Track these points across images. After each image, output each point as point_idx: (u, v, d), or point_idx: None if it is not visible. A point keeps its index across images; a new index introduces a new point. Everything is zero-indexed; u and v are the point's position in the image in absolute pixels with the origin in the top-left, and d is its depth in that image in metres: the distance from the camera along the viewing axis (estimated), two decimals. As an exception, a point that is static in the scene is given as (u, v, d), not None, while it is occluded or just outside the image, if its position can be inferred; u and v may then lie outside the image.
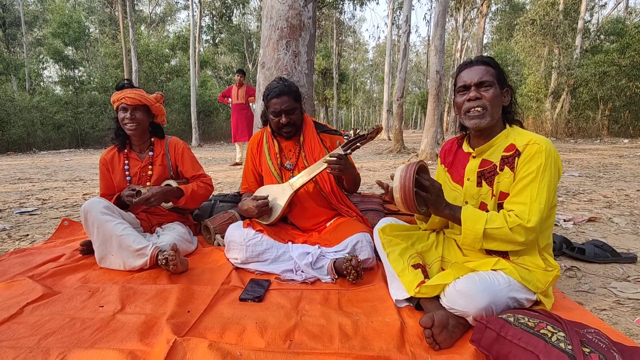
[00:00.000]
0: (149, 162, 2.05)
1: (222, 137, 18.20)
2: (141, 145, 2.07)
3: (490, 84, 1.29)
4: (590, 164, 6.03)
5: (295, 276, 1.65)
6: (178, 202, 2.01)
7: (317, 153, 1.93)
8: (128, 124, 1.94)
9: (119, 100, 1.92)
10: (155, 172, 2.05)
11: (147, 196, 1.84)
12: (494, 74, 1.31)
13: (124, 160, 2.04)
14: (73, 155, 10.85)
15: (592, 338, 0.93)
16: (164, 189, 1.93)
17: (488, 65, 1.32)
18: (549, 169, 1.21)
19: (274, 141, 2.01)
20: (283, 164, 1.98)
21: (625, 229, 2.41)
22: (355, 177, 1.88)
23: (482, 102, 1.29)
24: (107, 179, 2.07)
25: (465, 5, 20.36)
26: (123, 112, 1.93)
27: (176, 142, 2.13)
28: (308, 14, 2.66)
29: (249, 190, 2.09)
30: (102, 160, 2.06)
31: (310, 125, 2.01)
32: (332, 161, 1.66)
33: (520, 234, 1.19)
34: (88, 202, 1.76)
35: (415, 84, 46.54)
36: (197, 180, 2.09)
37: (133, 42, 13.81)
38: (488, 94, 1.29)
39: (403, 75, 9.91)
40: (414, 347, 1.13)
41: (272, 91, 1.86)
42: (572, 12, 13.97)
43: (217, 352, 1.06)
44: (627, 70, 12.15)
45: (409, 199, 1.22)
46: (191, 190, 2.00)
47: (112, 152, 2.06)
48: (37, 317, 1.32)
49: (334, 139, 1.99)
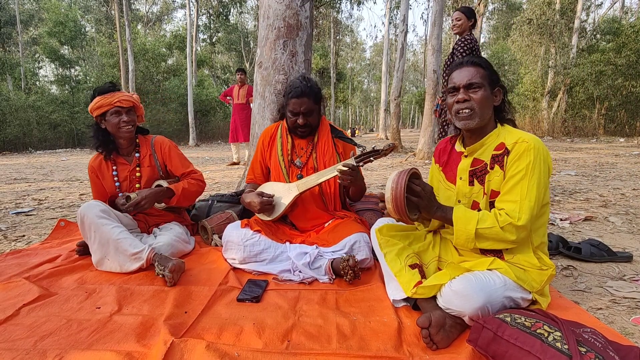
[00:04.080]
0: (137, 164, 2.02)
1: (219, 137, 18.16)
2: (128, 148, 2.03)
3: (479, 85, 1.30)
4: (587, 163, 6.06)
5: (293, 276, 1.65)
6: (170, 202, 1.99)
7: (328, 157, 1.92)
8: (125, 127, 1.90)
9: (111, 104, 1.84)
10: (144, 174, 2.02)
11: (137, 200, 1.83)
12: (484, 75, 1.31)
13: (111, 166, 2.00)
14: (69, 155, 10.80)
15: (588, 337, 0.94)
16: (153, 191, 1.91)
17: (478, 66, 1.32)
18: (538, 167, 1.21)
19: (288, 137, 1.99)
20: (293, 161, 1.96)
21: (621, 228, 2.43)
22: (362, 189, 1.89)
23: (470, 104, 1.30)
24: (98, 186, 2.04)
25: (462, 4, 20.38)
26: (117, 116, 1.87)
27: (162, 141, 2.09)
28: (305, 13, 2.66)
29: (254, 182, 2.07)
30: (90, 168, 2.02)
31: (327, 128, 1.98)
32: (344, 171, 1.64)
33: (512, 232, 1.20)
34: (85, 205, 1.75)
35: (413, 83, 46.58)
36: (187, 178, 2.06)
37: (129, 41, 13.74)
38: (476, 96, 1.30)
39: (400, 75, 9.93)
40: (411, 347, 1.14)
41: (294, 90, 1.81)
42: (568, 11, 14.04)
43: (214, 353, 1.06)
44: (623, 70, 12.22)
45: (401, 209, 1.24)
46: (182, 188, 1.98)
47: (99, 159, 2.01)
48: (33, 318, 1.31)
49: (347, 147, 1.96)
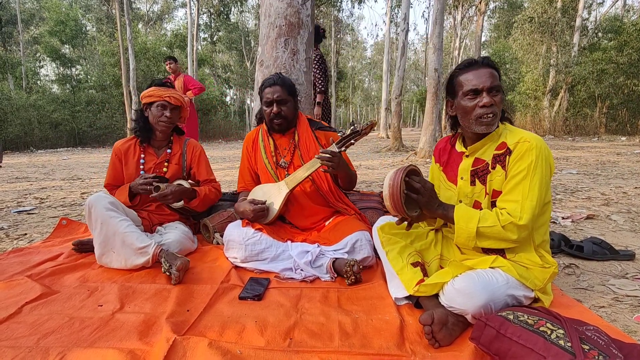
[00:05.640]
0: (166, 159, 2.07)
1: (219, 136, 18.17)
2: (161, 142, 2.09)
3: (499, 88, 1.27)
4: (588, 161, 6.04)
5: (295, 275, 1.65)
6: (190, 204, 2.02)
7: (312, 151, 1.92)
8: (165, 122, 1.98)
9: (162, 97, 1.95)
10: (170, 170, 2.07)
11: (165, 192, 1.86)
12: (498, 78, 1.29)
13: (139, 153, 2.04)
14: (71, 154, 10.81)
15: (591, 335, 0.93)
16: (181, 188, 1.94)
17: (494, 68, 1.29)
18: (540, 166, 1.21)
19: (269, 139, 2.00)
20: (278, 162, 1.98)
21: (623, 227, 2.42)
22: (350, 174, 1.86)
23: (494, 108, 1.26)
24: (116, 169, 2.06)
25: (464, 3, 20.31)
26: (162, 109, 1.96)
27: (195, 145, 2.17)
28: (306, 11, 2.66)
29: (246, 189, 2.08)
30: (116, 149, 2.05)
31: (305, 123, 2.00)
32: (325, 158, 1.65)
33: (513, 232, 1.20)
34: (93, 196, 1.76)
35: (414, 82, 46.47)
36: (208, 185, 2.13)
37: (130, 40, 13.73)
38: (498, 99, 1.27)
39: (401, 73, 9.91)
40: (413, 344, 1.13)
41: (266, 82, 1.92)
42: (570, 9, 13.97)
43: (217, 351, 1.06)
44: (625, 68, 12.17)
45: (398, 206, 1.24)
46: (204, 193, 2.04)
47: (129, 143, 2.06)
48: (36, 316, 1.32)
49: (329, 135, 1.98)
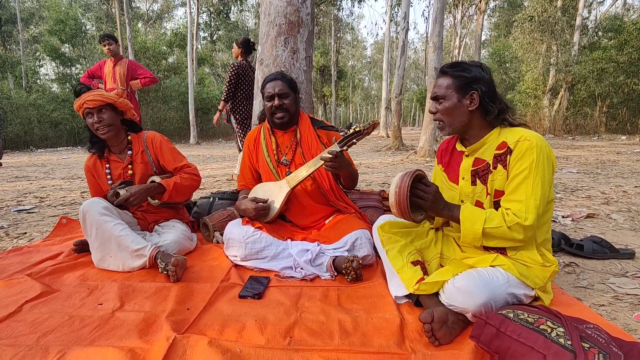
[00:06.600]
0: (129, 162, 2.00)
1: (220, 135, 18.15)
2: (119, 146, 2.01)
3: (443, 97, 1.32)
4: (588, 160, 6.04)
5: (295, 273, 1.65)
6: (163, 198, 1.97)
7: (314, 149, 1.92)
8: (99, 128, 1.88)
9: (81, 106, 1.85)
10: (138, 171, 2.01)
11: (125, 197, 1.83)
12: (451, 85, 1.30)
13: (105, 164, 2.00)
14: (70, 153, 10.81)
15: (591, 333, 0.93)
16: (143, 187, 1.89)
17: (445, 75, 1.33)
18: (541, 165, 1.21)
19: (271, 137, 2.00)
20: (280, 160, 1.98)
21: (623, 225, 2.42)
22: (352, 173, 1.86)
23: (437, 115, 1.36)
24: (94, 185, 2.05)
25: (464, 1, 20.30)
26: (90, 117, 1.86)
27: (153, 136, 2.06)
28: (306, 10, 2.65)
29: (246, 187, 2.08)
30: (86, 167, 2.03)
31: (307, 121, 2.00)
32: (328, 158, 1.65)
33: (519, 232, 1.20)
34: (87, 202, 1.75)
35: (414, 81, 46.43)
36: (180, 172, 2.03)
37: (130, 39, 13.73)
38: (441, 107, 1.34)
39: (401, 72, 9.90)
40: (413, 343, 1.13)
41: (267, 78, 1.95)
42: (570, 8, 13.95)
43: (217, 349, 1.06)
44: (625, 67, 12.17)
45: (405, 214, 1.26)
46: (173, 183, 1.94)
47: (93, 159, 2.02)
48: (35, 315, 1.32)
49: (331, 135, 1.98)
